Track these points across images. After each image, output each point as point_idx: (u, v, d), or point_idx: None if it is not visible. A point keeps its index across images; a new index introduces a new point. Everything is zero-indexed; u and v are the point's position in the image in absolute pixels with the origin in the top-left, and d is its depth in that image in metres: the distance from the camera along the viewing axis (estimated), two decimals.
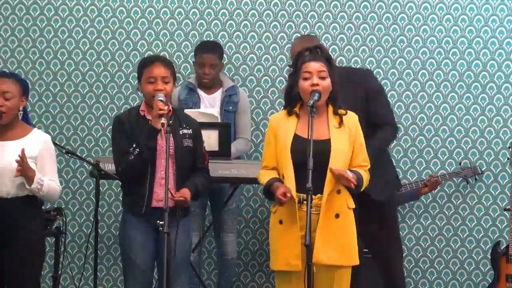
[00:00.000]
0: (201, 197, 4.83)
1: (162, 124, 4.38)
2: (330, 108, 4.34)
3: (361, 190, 4.36)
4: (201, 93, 5.92)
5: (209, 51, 5.90)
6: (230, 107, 5.89)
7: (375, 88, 5.15)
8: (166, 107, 4.45)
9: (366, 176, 4.34)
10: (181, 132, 4.58)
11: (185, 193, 4.50)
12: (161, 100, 4.45)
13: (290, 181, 4.23)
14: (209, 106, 5.87)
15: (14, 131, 4.65)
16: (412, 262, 6.29)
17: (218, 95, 5.92)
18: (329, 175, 4.20)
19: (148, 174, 4.51)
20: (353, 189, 4.26)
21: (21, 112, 4.73)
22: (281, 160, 4.29)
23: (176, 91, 5.91)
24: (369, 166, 4.39)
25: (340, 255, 4.23)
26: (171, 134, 4.46)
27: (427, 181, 6.02)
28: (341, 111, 4.35)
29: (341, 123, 4.31)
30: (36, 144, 4.63)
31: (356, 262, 4.32)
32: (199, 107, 5.83)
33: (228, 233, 5.98)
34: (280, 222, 4.30)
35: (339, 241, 4.22)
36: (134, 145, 4.47)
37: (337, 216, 4.22)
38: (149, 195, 4.51)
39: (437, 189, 6.14)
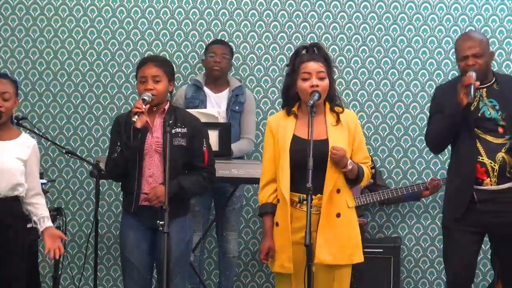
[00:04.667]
0: (192, 195, 4.78)
1: (133, 122, 4.42)
2: (327, 106, 4.35)
3: (360, 183, 4.35)
4: (208, 91, 5.95)
5: (221, 43, 6.07)
6: (237, 107, 5.92)
7: None
8: (144, 106, 4.46)
9: (367, 171, 4.33)
10: (173, 131, 4.57)
11: (156, 191, 4.47)
12: (143, 99, 4.48)
13: (284, 183, 4.23)
14: (216, 105, 5.89)
15: (6, 132, 4.66)
16: (412, 262, 6.29)
17: (225, 94, 5.95)
18: (328, 174, 4.20)
19: (136, 172, 4.53)
20: (353, 179, 4.26)
21: (17, 114, 4.77)
22: (279, 161, 4.29)
23: (183, 89, 5.96)
24: (370, 163, 4.39)
25: (342, 254, 4.23)
26: (160, 133, 4.49)
27: (428, 184, 6.01)
28: (338, 108, 4.35)
29: (338, 120, 4.31)
30: (27, 147, 4.65)
31: (359, 259, 4.32)
32: (205, 106, 5.86)
33: (231, 231, 6.00)
34: (277, 224, 4.31)
35: (340, 240, 4.23)
36: (119, 144, 4.53)
37: (338, 215, 4.23)
38: (137, 193, 4.54)
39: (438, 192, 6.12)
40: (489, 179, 4.67)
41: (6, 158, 4.55)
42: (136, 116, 4.43)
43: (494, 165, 4.66)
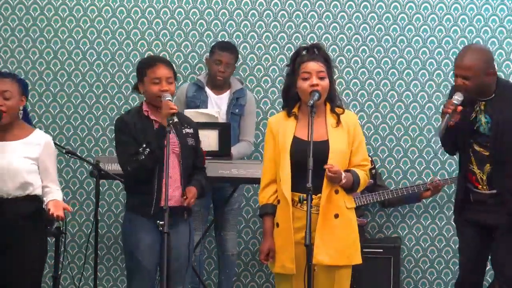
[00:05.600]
0: (204, 196, 4.85)
1: (175, 123, 4.43)
2: (328, 107, 4.35)
3: (357, 190, 4.36)
4: (209, 92, 5.95)
5: (228, 50, 5.97)
6: (237, 110, 5.92)
7: None
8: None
9: (363, 176, 4.33)
10: (184, 132, 4.60)
11: (194, 192, 4.55)
12: (170, 100, 4.49)
13: (286, 183, 4.23)
14: (216, 106, 5.90)
15: (14, 131, 4.65)
16: (412, 262, 6.29)
17: (225, 96, 5.95)
18: (327, 175, 4.20)
19: (156, 174, 4.52)
20: (347, 189, 4.26)
21: (21, 112, 4.73)
22: (279, 162, 4.29)
23: (184, 87, 5.96)
24: (369, 166, 4.39)
25: (341, 254, 4.23)
26: (175, 134, 4.49)
27: (429, 184, 6.01)
28: (338, 109, 4.35)
29: (338, 121, 4.31)
30: (37, 145, 4.63)
31: (358, 261, 4.32)
32: (206, 106, 5.86)
33: (229, 231, 6.02)
34: (277, 225, 4.31)
35: (339, 241, 4.22)
36: (144, 145, 4.47)
37: (336, 216, 4.22)
38: (158, 195, 4.51)
39: (439, 193, 6.14)
40: (480, 186, 4.79)
41: (12, 159, 4.54)
42: (175, 117, 4.43)
43: (482, 176, 4.77)
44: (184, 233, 4.54)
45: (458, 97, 4.66)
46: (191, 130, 4.65)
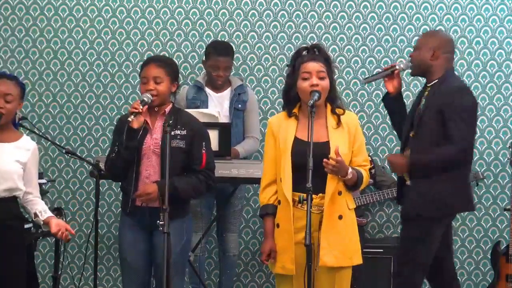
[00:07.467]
0: (186, 196, 4.65)
1: (128, 121, 4.42)
2: (329, 108, 4.34)
3: (359, 188, 4.37)
4: (209, 91, 5.94)
5: (224, 54, 5.85)
6: (240, 105, 5.91)
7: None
8: (142, 107, 4.45)
9: (366, 176, 4.33)
10: (172, 133, 4.54)
11: (149, 189, 4.45)
12: (142, 100, 4.47)
13: (287, 184, 4.23)
14: (218, 104, 5.89)
15: (6, 134, 4.64)
16: None
17: (227, 93, 5.93)
18: (330, 176, 4.20)
19: (133, 173, 4.53)
20: (351, 186, 4.26)
21: (19, 115, 4.75)
22: (280, 162, 4.29)
23: (184, 90, 5.95)
24: (369, 166, 4.39)
25: (344, 256, 4.23)
26: (160, 134, 4.49)
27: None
28: (339, 110, 4.34)
29: (339, 122, 4.30)
30: (27, 150, 4.63)
31: (359, 261, 4.32)
32: (207, 106, 5.85)
33: (231, 233, 6.01)
34: (277, 225, 4.30)
35: (343, 242, 4.23)
36: (117, 144, 4.53)
37: (340, 217, 4.22)
38: (134, 193, 4.53)
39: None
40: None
41: (5, 161, 4.54)
42: (132, 116, 4.42)
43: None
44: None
45: (400, 63, 5.08)
46: (184, 132, 4.56)
